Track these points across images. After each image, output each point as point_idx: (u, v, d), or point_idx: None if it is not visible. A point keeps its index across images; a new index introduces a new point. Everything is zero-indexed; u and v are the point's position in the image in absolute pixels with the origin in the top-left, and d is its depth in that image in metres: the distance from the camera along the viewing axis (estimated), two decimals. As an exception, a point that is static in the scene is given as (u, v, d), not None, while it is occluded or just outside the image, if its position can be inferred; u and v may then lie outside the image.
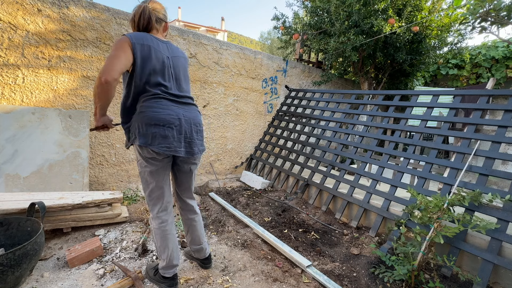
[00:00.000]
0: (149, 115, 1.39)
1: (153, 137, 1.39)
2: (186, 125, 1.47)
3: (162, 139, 1.40)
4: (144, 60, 1.39)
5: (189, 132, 1.49)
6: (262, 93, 4.61)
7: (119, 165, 3.21)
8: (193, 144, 1.51)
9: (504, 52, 5.39)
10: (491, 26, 3.06)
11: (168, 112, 1.42)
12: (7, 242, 1.70)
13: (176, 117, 1.43)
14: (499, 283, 1.84)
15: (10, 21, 2.42)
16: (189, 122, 1.49)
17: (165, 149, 1.40)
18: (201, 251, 1.81)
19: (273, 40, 19.23)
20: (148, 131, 1.39)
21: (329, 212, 2.92)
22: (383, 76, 5.38)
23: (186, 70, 1.62)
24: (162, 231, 1.56)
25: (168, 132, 1.40)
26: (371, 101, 3.35)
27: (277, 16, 5.02)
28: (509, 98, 2.31)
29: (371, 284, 1.81)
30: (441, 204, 1.79)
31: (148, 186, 1.52)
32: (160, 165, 1.49)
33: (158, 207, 1.56)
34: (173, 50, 1.55)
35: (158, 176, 1.50)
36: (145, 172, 1.49)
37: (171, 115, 1.42)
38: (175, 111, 1.45)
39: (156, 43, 1.46)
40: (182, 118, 1.45)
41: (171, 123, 1.41)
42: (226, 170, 4.34)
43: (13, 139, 2.38)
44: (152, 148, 1.39)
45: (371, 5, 4.11)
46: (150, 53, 1.41)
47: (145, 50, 1.39)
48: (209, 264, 1.86)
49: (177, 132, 1.43)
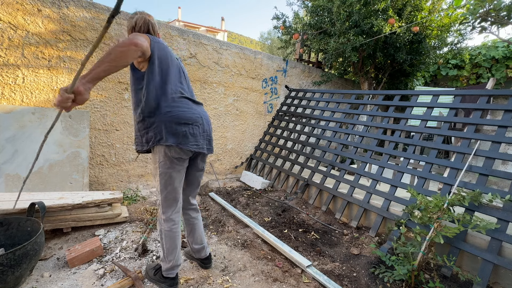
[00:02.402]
0: (177, 115, 1.40)
1: (183, 135, 1.41)
2: (206, 123, 1.56)
3: (192, 137, 1.46)
4: (161, 59, 1.41)
5: (208, 130, 1.58)
6: (262, 93, 4.61)
7: (119, 165, 3.21)
8: (211, 141, 1.62)
9: (504, 52, 5.39)
10: (491, 26, 3.06)
11: (193, 112, 1.48)
12: (7, 242, 1.70)
13: (199, 116, 1.51)
14: (499, 283, 1.84)
15: (10, 21, 2.42)
16: (207, 121, 1.58)
17: (195, 147, 1.47)
18: (202, 250, 1.81)
19: (273, 40, 19.23)
20: (178, 130, 1.40)
21: (329, 212, 2.92)
22: (383, 76, 5.38)
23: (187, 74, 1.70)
24: (173, 233, 1.55)
25: (196, 130, 1.47)
26: (371, 101, 3.35)
27: (277, 15, 5.02)
28: (509, 98, 2.31)
29: (371, 284, 1.81)
30: (441, 204, 1.79)
31: (167, 187, 1.49)
32: (183, 166, 1.52)
33: (173, 209, 1.54)
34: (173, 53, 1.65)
35: (179, 176, 1.52)
36: (166, 173, 1.46)
37: (195, 114, 1.49)
38: (197, 110, 1.52)
39: (165, 44, 1.51)
40: (203, 117, 1.53)
41: (197, 121, 1.48)
42: (226, 170, 4.34)
43: (13, 139, 2.38)
44: (183, 147, 1.41)
45: (371, 5, 4.11)
46: (166, 53, 1.45)
47: (162, 49, 1.43)
48: (209, 264, 1.86)
49: (201, 130, 1.52)
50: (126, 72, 3.08)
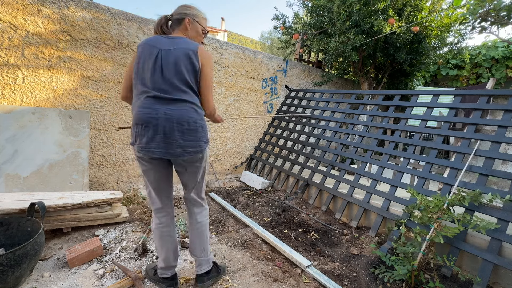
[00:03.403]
0: (134, 115, 1.40)
1: (135, 136, 1.40)
2: (167, 123, 1.33)
3: (140, 139, 1.37)
4: (138, 61, 1.40)
5: (169, 131, 1.34)
6: (262, 93, 4.61)
7: (119, 165, 3.21)
8: (174, 144, 1.36)
9: (504, 52, 5.39)
10: (491, 26, 3.06)
11: (148, 111, 1.34)
12: (7, 242, 1.70)
13: (155, 116, 1.33)
14: (499, 283, 1.84)
15: (10, 21, 2.42)
16: (171, 120, 1.34)
17: (140, 148, 1.38)
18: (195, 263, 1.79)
19: (273, 40, 19.21)
20: (133, 130, 1.41)
21: (329, 212, 2.92)
22: (383, 76, 5.38)
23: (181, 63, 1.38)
24: (160, 232, 1.57)
25: (146, 131, 1.34)
26: (371, 101, 3.35)
27: (277, 16, 5.02)
28: (509, 98, 2.31)
29: (371, 284, 1.81)
30: (441, 204, 1.79)
31: (146, 186, 1.55)
32: (148, 166, 1.46)
33: (154, 207, 1.58)
34: (175, 43, 1.42)
35: (149, 176, 1.50)
36: (142, 172, 1.52)
37: (150, 114, 1.34)
38: (156, 109, 1.34)
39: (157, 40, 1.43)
40: (162, 117, 1.33)
41: (149, 122, 1.33)
42: (226, 170, 4.34)
43: (13, 139, 2.38)
44: (134, 147, 1.43)
45: (371, 5, 4.11)
46: (144, 51, 1.40)
47: (139, 50, 1.42)
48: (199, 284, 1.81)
49: (154, 132, 1.34)
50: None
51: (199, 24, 1.56)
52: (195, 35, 1.57)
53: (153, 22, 3.24)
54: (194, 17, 1.54)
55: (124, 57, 3.05)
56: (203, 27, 1.59)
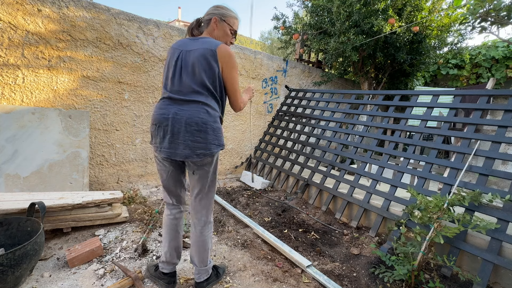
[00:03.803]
0: (151, 115, 1.49)
1: (152, 136, 1.49)
2: (176, 124, 1.35)
3: (155, 139, 1.45)
4: (165, 65, 1.51)
5: (177, 132, 1.35)
6: (262, 93, 4.61)
7: (119, 165, 3.21)
8: (181, 145, 1.36)
9: (504, 52, 5.39)
10: (491, 26, 3.06)
11: (162, 112, 1.40)
12: (7, 242, 1.70)
13: (167, 116, 1.37)
14: (499, 283, 1.84)
15: (10, 21, 2.42)
16: (180, 121, 1.34)
17: (155, 148, 1.47)
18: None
19: (273, 40, 19.19)
20: (150, 130, 1.49)
21: (329, 212, 2.92)
22: (383, 76, 5.38)
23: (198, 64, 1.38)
24: (166, 221, 1.63)
25: (159, 131, 1.41)
26: (371, 101, 3.35)
27: (277, 16, 5.02)
28: (509, 98, 2.31)
29: (371, 284, 1.81)
30: (441, 204, 1.79)
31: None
32: (161, 166, 1.53)
33: (165, 200, 1.65)
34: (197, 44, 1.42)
35: (161, 175, 1.57)
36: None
37: (162, 115, 1.39)
38: (169, 110, 1.38)
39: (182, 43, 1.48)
40: (172, 117, 1.35)
41: (161, 122, 1.39)
42: (226, 170, 4.34)
43: (13, 139, 2.38)
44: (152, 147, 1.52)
45: (371, 5, 4.11)
46: (169, 55, 1.48)
47: (168, 55, 1.51)
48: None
49: (164, 132, 1.38)
50: (125, 72, 3.08)
51: (226, 23, 1.53)
52: (222, 34, 1.54)
53: (153, 22, 3.24)
54: (222, 16, 1.52)
55: (124, 57, 3.05)
56: (231, 27, 1.55)
